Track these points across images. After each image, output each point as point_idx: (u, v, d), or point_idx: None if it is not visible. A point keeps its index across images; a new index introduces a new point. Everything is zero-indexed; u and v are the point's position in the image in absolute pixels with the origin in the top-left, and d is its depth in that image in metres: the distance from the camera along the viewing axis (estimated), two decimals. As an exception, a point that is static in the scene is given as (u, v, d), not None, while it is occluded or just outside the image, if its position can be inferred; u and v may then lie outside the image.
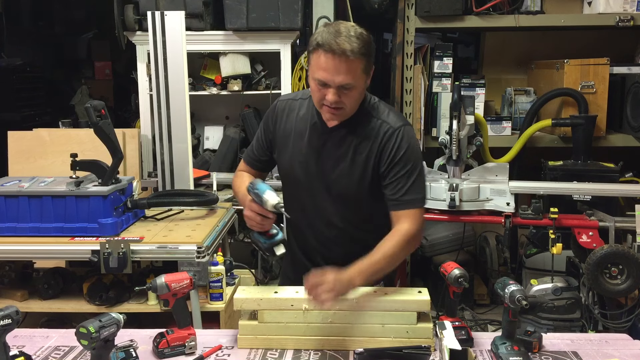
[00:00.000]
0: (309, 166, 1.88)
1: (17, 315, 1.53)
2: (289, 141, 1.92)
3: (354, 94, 1.75)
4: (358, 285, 1.71)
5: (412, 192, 1.81)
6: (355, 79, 1.71)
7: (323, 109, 1.79)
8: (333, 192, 1.88)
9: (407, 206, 1.81)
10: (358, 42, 1.69)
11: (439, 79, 3.98)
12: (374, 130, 1.83)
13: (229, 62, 3.90)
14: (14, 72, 4.87)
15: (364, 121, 1.84)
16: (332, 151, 1.86)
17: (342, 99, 1.73)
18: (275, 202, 1.68)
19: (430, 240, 4.16)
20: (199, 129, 4.35)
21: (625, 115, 3.87)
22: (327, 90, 1.72)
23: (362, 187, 1.85)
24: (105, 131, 2.54)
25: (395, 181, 1.81)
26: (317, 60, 1.71)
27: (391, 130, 1.82)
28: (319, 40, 1.70)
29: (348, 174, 1.85)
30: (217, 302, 2.59)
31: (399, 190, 1.81)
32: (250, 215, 1.74)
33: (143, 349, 1.75)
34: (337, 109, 1.76)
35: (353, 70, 1.70)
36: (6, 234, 2.53)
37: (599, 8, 3.83)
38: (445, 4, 3.83)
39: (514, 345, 1.66)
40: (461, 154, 3.29)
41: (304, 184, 1.91)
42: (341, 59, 1.67)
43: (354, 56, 1.68)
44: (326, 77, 1.70)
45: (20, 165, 3.61)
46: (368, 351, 1.64)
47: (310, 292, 1.64)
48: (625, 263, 2.96)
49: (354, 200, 1.88)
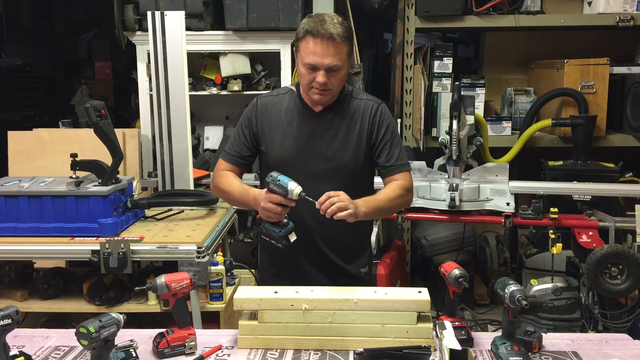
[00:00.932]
0: (304, 148, 2.03)
1: (17, 315, 1.53)
2: (278, 130, 2.05)
3: (340, 75, 1.95)
4: (362, 212, 1.87)
5: (402, 158, 2.07)
6: (341, 60, 1.92)
7: (312, 91, 1.96)
8: (330, 167, 2.03)
9: (400, 169, 2.06)
10: (342, 27, 1.91)
11: (439, 79, 3.98)
12: (359, 108, 2.05)
13: (229, 62, 3.90)
14: (14, 72, 4.88)
15: (346, 103, 2.06)
16: (324, 132, 2.03)
17: (329, 80, 1.92)
18: (300, 190, 1.79)
19: (430, 240, 4.16)
20: (199, 129, 4.36)
21: (625, 115, 3.87)
22: (317, 73, 1.91)
23: (357, 159, 2.04)
24: (105, 131, 2.54)
25: (386, 149, 2.04)
26: (306, 45, 1.91)
27: (375, 105, 2.07)
28: (306, 27, 1.90)
29: (343, 149, 2.02)
30: (217, 302, 2.59)
31: (391, 158, 2.05)
32: (270, 207, 1.82)
33: (143, 349, 1.75)
34: (325, 90, 1.94)
35: (339, 53, 1.90)
36: (6, 234, 2.53)
37: (599, 8, 3.84)
38: (445, 4, 3.83)
39: (514, 345, 1.66)
40: (461, 154, 3.29)
41: (300, 165, 2.02)
42: (329, 42, 1.88)
43: (340, 39, 1.89)
44: (316, 60, 1.89)
45: (20, 165, 3.61)
46: (368, 351, 1.64)
47: (325, 205, 1.78)
48: (625, 263, 2.96)
49: (349, 172, 2.04)
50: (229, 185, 2.04)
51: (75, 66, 6.17)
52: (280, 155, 2.04)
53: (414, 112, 4.02)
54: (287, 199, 1.79)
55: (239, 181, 2.06)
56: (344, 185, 1.96)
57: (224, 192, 2.06)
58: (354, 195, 1.95)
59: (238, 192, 2.01)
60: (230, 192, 2.04)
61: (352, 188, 1.98)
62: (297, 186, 1.79)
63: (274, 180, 1.81)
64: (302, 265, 2.09)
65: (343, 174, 2.03)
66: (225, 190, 2.06)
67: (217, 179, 2.10)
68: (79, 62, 6.25)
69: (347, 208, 1.79)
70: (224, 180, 2.06)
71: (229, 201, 2.13)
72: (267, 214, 1.84)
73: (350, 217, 1.79)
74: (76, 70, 6.11)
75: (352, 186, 2.00)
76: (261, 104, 2.09)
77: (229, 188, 2.04)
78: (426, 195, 3.34)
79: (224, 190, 2.06)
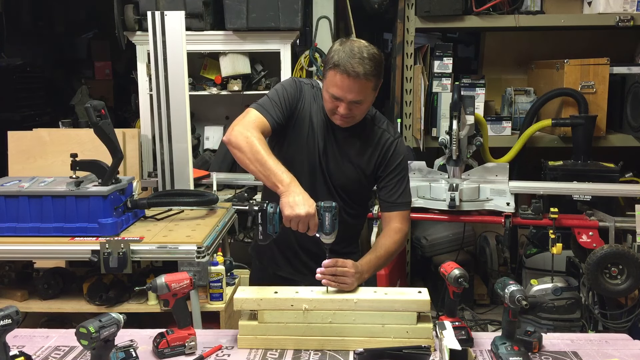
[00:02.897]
0: (315, 158, 2.03)
1: (17, 315, 1.53)
2: (305, 126, 2.03)
3: (363, 107, 1.95)
4: (364, 279, 1.90)
5: (404, 196, 2.08)
6: (365, 96, 1.91)
7: (334, 117, 1.97)
8: (333, 183, 2.05)
9: (400, 207, 2.07)
10: (371, 64, 1.85)
11: (439, 79, 3.98)
12: (375, 136, 2.05)
13: (229, 62, 3.90)
14: (14, 72, 4.87)
15: (367, 127, 2.05)
16: (336, 148, 2.03)
17: (352, 111, 1.92)
18: (332, 242, 1.80)
19: (430, 240, 4.16)
20: (199, 129, 4.35)
21: (625, 115, 3.87)
22: (340, 104, 1.91)
23: (360, 182, 2.08)
24: (105, 131, 2.54)
25: (390, 185, 2.06)
26: (332, 77, 1.88)
27: (391, 139, 2.06)
28: (335, 59, 1.86)
29: (349, 170, 2.04)
30: (217, 302, 2.59)
31: (394, 194, 2.06)
32: (301, 224, 1.75)
33: (143, 349, 1.75)
34: (347, 117, 1.94)
35: (364, 90, 1.88)
36: (6, 234, 2.52)
37: (599, 8, 3.84)
38: (445, 4, 3.83)
39: (514, 345, 1.66)
40: (461, 154, 3.29)
41: (306, 172, 2.02)
42: (355, 80, 1.85)
43: (367, 78, 1.85)
44: (339, 93, 1.88)
45: (20, 165, 3.61)
46: (368, 351, 1.64)
47: (331, 276, 1.79)
48: (625, 263, 2.96)
49: (349, 191, 2.08)
50: (266, 151, 1.83)
51: (75, 66, 6.17)
52: (295, 153, 2.02)
53: (414, 112, 4.02)
54: (316, 233, 1.77)
55: (272, 154, 1.86)
56: (340, 201, 1.99)
57: (253, 152, 1.82)
58: (347, 210, 2.05)
59: (272, 164, 1.81)
60: (261, 155, 1.81)
61: (347, 205, 2.07)
62: (334, 238, 1.79)
63: (332, 214, 1.76)
64: (299, 255, 2.12)
65: (343, 191, 2.06)
66: (256, 151, 1.81)
67: (252, 132, 1.85)
68: (79, 62, 6.25)
69: (346, 282, 1.79)
70: (262, 143, 1.84)
71: (249, 161, 1.83)
72: (293, 221, 1.74)
73: (347, 288, 1.81)
74: (76, 70, 6.11)
75: (347, 204, 2.07)
76: (306, 90, 2.04)
77: (264, 152, 1.82)
78: (426, 195, 3.34)
79: (255, 150, 1.81)
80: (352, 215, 2.11)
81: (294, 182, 1.79)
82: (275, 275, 2.19)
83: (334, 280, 1.79)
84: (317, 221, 1.76)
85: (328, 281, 1.79)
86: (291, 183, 1.78)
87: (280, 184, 1.78)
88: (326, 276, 1.79)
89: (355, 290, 1.81)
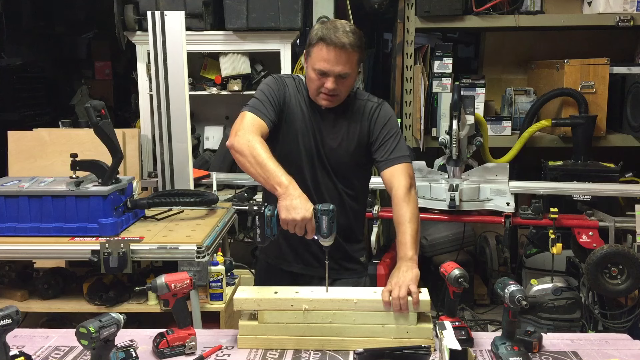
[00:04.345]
0: (310, 143, 2.06)
1: (17, 315, 1.53)
2: (295, 118, 2.06)
3: (348, 82, 1.99)
4: (416, 258, 1.90)
5: (400, 150, 2.06)
6: (352, 68, 1.95)
7: (320, 96, 2.00)
8: (330, 163, 2.07)
9: (398, 161, 2.04)
10: (354, 36, 1.93)
11: (439, 79, 3.98)
12: (360, 108, 2.09)
13: (229, 62, 3.90)
14: (14, 72, 4.88)
15: (351, 104, 2.09)
16: (328, 130, 2.07)
17: (338, 86, 1.96)
18: (330, 244, 1.79)
19: (430, 240, 4.16)
20: (199, 129, 4.35)
21: (625, 115, 3.87)
22: (326, 79, 1.95)
23: (358, 158, 2.09)
24: (105, 131, 2.54)
25: (384, 144, 2.05)
26: (319, 52, 1.93)
27: (375, 104, 2.10)
28: (319, 34, 1.93)
29: (345, 147, 2.07)
30: (217, 302, 2.59)
31: (388, 151, 2.05)
32: (298, 228, 1.74)
33: (143, 349, 1.75)
34: (333, 95, 1.98)
35: (350, 61, 1.94)
36: (6, 234, 2.52)
37: (599, 8, 3.84)
38: (445, 4, 3.83)
39: (514, 345, 1.66)
40: (461, 154, 3.29)
41: (305, 163, 2.06)
42: (342, 51, 1.91)
43: (352, 49, 1.92)
44: (327, 67, 1.92)
45: (20, 165, 3.61)
46: (368, 351, 1.64)
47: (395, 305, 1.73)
48: (625, 263, 2.96)
49: (346, 169, 2.09)
50: (266, 154, 1.83)
51: (75, 66, 6.17)
52: (291, 145, 2.06)
53: (414, 112, 4.01)
54: (314, 236, 1.76)
55: (273, 157, 1.85)
56: (341, 180, 2.08)
57: (253, 155, 1.83)
58: (352, 189, 2.10)
59: (272, 166, 1.81)
60: (261, 158, 1.82)
61: (348, 188, 2.11)
62: (332, 241, 1.78)
63: (330, 217, 1.74)
64: (309, 247, 2.11)
65: (340, 170, 2.08)
66: (256, 154, 1.83)
67: (253, 137, 1.87)
68: (79, 62, 6.26)
69: (413, 295, 1.74)
70: (263, 146, 1.85)
71: (249, 164, 1.84)
72: (290, 224, 1.74)
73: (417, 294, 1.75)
74: (76, 70, 6.11)
75: (349, 186, 2.11)
76: (289, 83, 2.08)
77: (264, 155, 1.83)
78: (426, 195, 3.34)
79: (256, 153, 1.83)
80: (353, 198, 2.13)
81: (293, 185, 1.78)
82: (284, 272, 2.18)
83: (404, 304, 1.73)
84: (314, 225, 1.75)
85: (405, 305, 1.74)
86: (289, 186, 1.77)
87: (278, 186, 1.78)
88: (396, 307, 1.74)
89: (354, 292, 1.82)
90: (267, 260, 2.26)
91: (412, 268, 1.84)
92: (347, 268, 2.16)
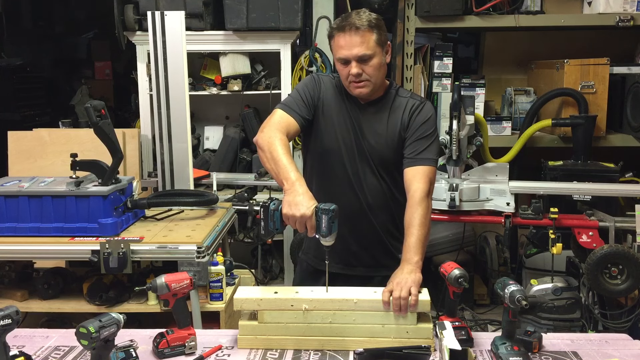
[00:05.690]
0: (350, 138, 2.07)
1: (17, 315, 1.53)
2: (333, 114, 2.08)
3: (374, 63, 1.97)
4: (420, 263, 1.88)
5: (429, 152, 2.05)
6: (370, 49, 1.95)
7: (351, 85, 2.02)
8: (373, 159, 2.07)
9: (423, 162, 2.03)
10: (368, 17, 1.97)
11: (439, 79, 3.98)
12: (401, 105, 2.09)
13: (229, 62, 3.90)
14: (14, 72, 4.88)
15: (392, 100, 2.10)
16: (368, 125, 2.07)
17: (364, 70, 1.97)
18: (331, 244, 1.78)
19: (430, 240, 4.12)
20: (199, 129, 4.35)
21: (625, 115, 3.87)
22: (350, 66, 1.97)
23: (398, 152, 2.07)
24: (105, 131, 2.54)
25: (416, 141, 2.04)
26: (336, 42, 1.99)
27: (418, 102, 2.10)
28: (333, 26, 2.01)
29: (385, 142, 2.06)
30: (217, 302, 2.59)
31: (417, 149, 2.04)
32: (299, 224, 1.75)
33: (143, 349, 1.75)
34: (361, 81, 1.99)
35: (366, 42, 1.94)
36: (6, 234, 2.52)
37: (599, 8, 3.84)
38: (445, 4, 3.83)
39: (514, 345, 1.66)
40: (461, 154, 3.29)
41: (345, 154, 2.07)
42: (355, 32, 1.93)
43: (364, 27, 1.94)
44: (345, 53, 1.96)
45: (20, 165, 3.61)
46: (368, 351, 1.64)
47: (395, 306, 1.73)
48: (625, 263, 2.96)
49: (389, 164, 2.08)
50: (283, 150, 1.89)
51: (75, 66, 6.17)
52: (331, 141, 2.07)
53: (414, 112, 4.01)
54: (313, 233, 1.76)
55: (290, 155, 1.92)
56: (383, 175, 2.07)
57: (270, 150, 1.90)
58: (396, 184, 2.09)
59: (285, 162, 1.85)
60: (276, 153, 1.87)
61: (393, 184, 2.10)
62: (332, 242, 1.77)
63: (330, 217, 1.73)
64: (350, 246, 2.12)
65: (382, 165, 2.08)
66: (273, 149, 1.89)
67: (275, 134, 1.93)
68: (79, 62, 6.25)
69: (412, 296, 1.73)
70: (281, 143, 1.91)
71: (266, 159, 1.93)
72: (290, 220, 1.75)
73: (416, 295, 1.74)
74: (76, 70, 6.11)
75: (393, 182, 2.10)
76: (324, 80, 2.12)
77: (280, 151, 1.88)
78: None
79: (272, 149, 1.89)
80: (397, 194, 2.11)
81: (300, 181, 1.80)
82: (323, 272, 2.05)
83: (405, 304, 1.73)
84: (314, 223, 1.75)
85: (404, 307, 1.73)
86: (296, 182, 1.79)
87: (285, 181, 1.82)
88: (396, 308, 1.74)
89: (354, 292, 1.81)
90: (307, 260, 2.25)
91: (415, 271, 1.83)
92: (383, 264, 2.12)
